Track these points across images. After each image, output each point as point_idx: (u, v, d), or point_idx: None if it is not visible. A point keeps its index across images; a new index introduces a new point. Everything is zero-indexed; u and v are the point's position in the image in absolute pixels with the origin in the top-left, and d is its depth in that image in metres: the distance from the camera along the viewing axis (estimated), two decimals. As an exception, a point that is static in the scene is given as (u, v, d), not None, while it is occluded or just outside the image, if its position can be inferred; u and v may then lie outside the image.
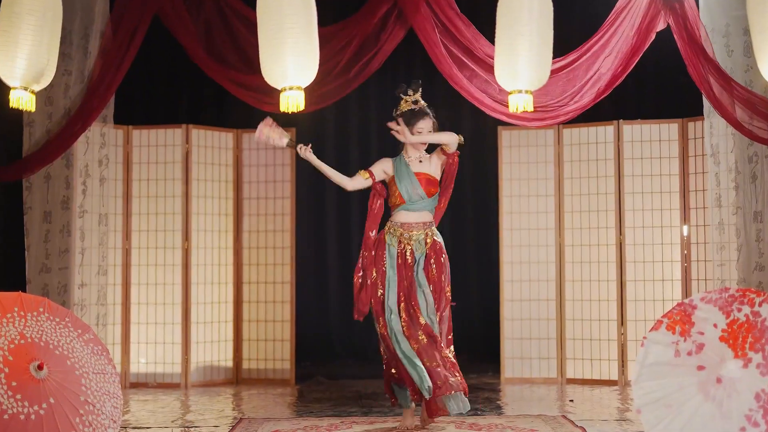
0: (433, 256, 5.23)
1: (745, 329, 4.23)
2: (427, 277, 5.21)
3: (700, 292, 6.42)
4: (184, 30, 6.34)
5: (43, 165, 6.45)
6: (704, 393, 4.15)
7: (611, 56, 6.09)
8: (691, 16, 6.02)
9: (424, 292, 5.17)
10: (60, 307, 4.44)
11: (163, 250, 7.18)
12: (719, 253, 6.41)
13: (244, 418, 5.72)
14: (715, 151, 6.43)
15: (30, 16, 5.17)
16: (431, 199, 5.31)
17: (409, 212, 5.28)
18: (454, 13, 6.15)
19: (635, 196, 7.11)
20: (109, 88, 6.43)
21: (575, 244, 7.24)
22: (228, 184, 7.39)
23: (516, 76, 5.33)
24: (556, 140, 7.33)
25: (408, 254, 5.22)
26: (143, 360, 7.11)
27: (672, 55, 6.22)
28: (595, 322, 7.13)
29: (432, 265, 5.22)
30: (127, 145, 7.19)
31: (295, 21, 5.06)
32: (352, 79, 6.24)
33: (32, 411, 3.97)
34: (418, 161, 5.30)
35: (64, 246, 6.57)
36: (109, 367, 4.43)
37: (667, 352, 4.27)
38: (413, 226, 5.26)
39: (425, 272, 5.21)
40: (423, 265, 5.22)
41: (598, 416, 5.73)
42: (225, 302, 7.33)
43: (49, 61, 5.31)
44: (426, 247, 5.23)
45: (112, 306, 7.00)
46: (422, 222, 5.29)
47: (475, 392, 6.76)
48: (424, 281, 5.19)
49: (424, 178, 5.27)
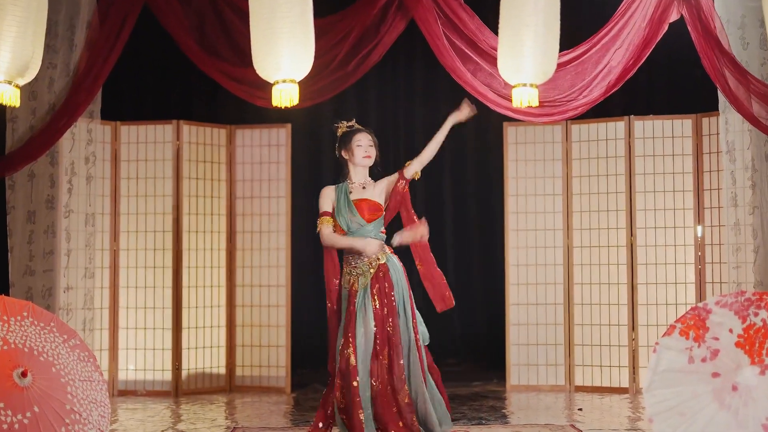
0: (376, 284, 5.04)
1: (762, 334, 4.23)
2: (374, 312, 5.00)
3: (715, 295, 6.45)
4: (174, 20, 6.34)
5: (27, 162, 6.44)
6: (719, 401, 4.15)
7: (622, 48, 6.08)
8: (706, 6, 6.02)
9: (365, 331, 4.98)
10: (45, 312, 4.44)
11: (153, 252, 7.19)
12: (735, 255, 6.41)
13: (237, 428, 5.72)
14: (730, 148, 6.43)
15: (14, 7, 5.15)
16: (373, 224, 5.13)
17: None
18: (458, 3, 6.15)
19: (647, 196, 7.11)
20: (96, 81, 6.42)
21: (584, 246, 7.24)
22: (221, 183, 7.40)
23: (520, 68, 5.32)
24: (564, 137, 7.33)
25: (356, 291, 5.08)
26: (132, 366, 7.11)
27: (685, 48, 6.22)
28: (604, 327, 7.13)
29: (375, 296, 5.03)
30: (115, 142, 7.19)
31: (289, 9, 5.04)
32: (350, 73, 6.23)
33: (15, 420, 3.96)
34: (362, 188, 5.18)
35: (49, 247, 6.56)
36: (96, 374, 4.43)
37: (680, 359, 4.27)
38: (354, 259, 5.11)
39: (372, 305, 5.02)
40: (367, 297, 5.03)
41: (608, 426, 5.73)
42: (218, 306, 7.33)
43: (34, 53, 5.29)
44: (370, 276, 5.07)
45: (99, 310, 7.01)
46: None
47: (480, 400, 6.77)
48: (362, 318, 4.99)
49: (365, 205, 5.15)
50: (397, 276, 5.08)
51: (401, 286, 5.08)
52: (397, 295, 5.05)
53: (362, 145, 5.19)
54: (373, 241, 5.08)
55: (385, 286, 5.04)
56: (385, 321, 5.00)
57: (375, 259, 5.07)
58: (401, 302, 5.06)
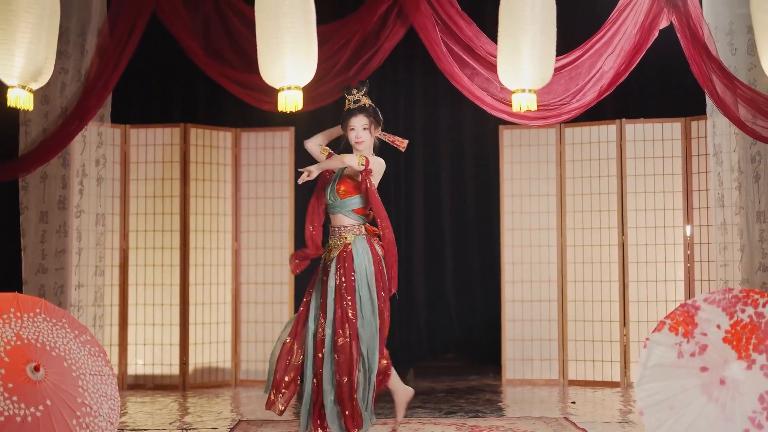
0: (341, 262, 5.02)
1: (748, 330, 4.23)
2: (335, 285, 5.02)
3: (703, 292, 6.44)
4: (181, 27, 6.33)
5: (40, 164, 6.44)
6: (707, 395, 4.15)
7: (614, 54, 6.08)
8: (694, 14, 6.01)
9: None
10: (57, 308, 4.44)
11: (161, 251, 7.18)
12: (722, 254, 6.41)
13: (242, 420, 5.72)
14: (717, 150, 6.43)
15: (27, 14, 5.15)
16: (344, 201, 5.11)
17: (332, 215, 5.17)
18: (455, 10, 6.14)
19: (638, 196, 7.11)
20: (106, 86, 6.42)
21: (577, 245, 7.24)
22: (226, 184, 7.40)
23: (519, 75, 5.33)
24: (557, 139, 7.33)
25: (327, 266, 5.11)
26: (141, 361, 7.11)
27: (675, 54, 6.22)
28: (597, 323, 7.13)
29: (338, 271, 5.02)
30: (125, 145, 7.19)
31: (293, 20, 5.04)
32: (351, 78, 6.22)
33: (29, 413, 3.96)
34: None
35: (61, 246, 6.57)
36: (106, 368, 4.43)
37: (670, 354, 4.28)
38: (333, 231, 5.14)
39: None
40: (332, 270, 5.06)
41: (601, 418, 5.73)
42: (224, 303, 7.33)
43: (46, 59, 5.29)
44: (337, 251, 5.07)
45: (109, 307, 7.01)
46: (337, 226, 5.13)
47: (477, 394, 6.77)
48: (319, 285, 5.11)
49: (345, 180, 5.16)
50: (360, 259, 4.99)
51: (363, 269, 4.98)
52: (357, 277, 4.97)
53: (355, 129, 5.18)
54: (347, 156, 5.07)
55: (345, 267, 4.99)
56: (343, 298, 4.95)
57: (344, 239, 5.06)
58: (361, 285, 4.96)
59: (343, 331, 4.90)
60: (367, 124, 5.20)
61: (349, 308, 4.93)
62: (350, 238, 5.07)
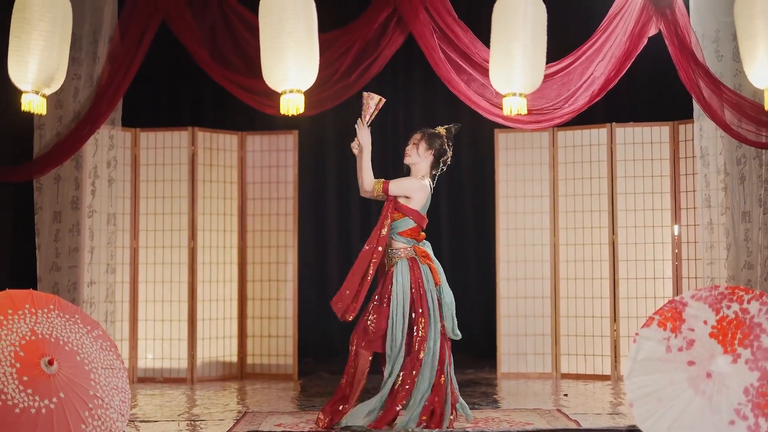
0: (389, 278, 5.06)
1: (734, 326, 4.23)
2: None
3: (691, 290, 6.45)
4: (189, 34, 6.34)
5: (54, 166, 6.45)
6: (694, 388, 4.16)
7: (605, 60, 6.09)
8: (682, 22, 6.02)
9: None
10: (70, 305, 4.44)
11: (170, 249, 7.19)
12: (709, 252, 6.42)
13: (248, 412, 5.73)
14: (704, 153, 6.44)
15: (41, 22, 5.16)
16: (394, 223, 5.08)
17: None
18: (452, 19, 6.15)
19: (627, 197, 7.11)
20: (118, 92, 6.43)
21: (569, 243, 7.24)
22: (233, 185, 7.40)
23: (510, 79, 5.34)
24: (550, 142, 7.33)
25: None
26: (150, 356, 7.11)
27: (664, 60, 6.23)
28: (588, 319, 7.13)
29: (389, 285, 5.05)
30: (135, 147, 7.19)
31: (296, 25, 5.05)
32: (352, 84, 6.23)
33: (43, 405, 3.97)
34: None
35: (74, 245, 6.57)
36: (118, 362, 4.44)
37: (658, 348, 4.28)
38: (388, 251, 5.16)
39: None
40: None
41: (592, 410, 5.73)
42: (230, 300, 7.33)
43: (59, 65, 5.30)
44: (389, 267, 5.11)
45: (120, 303, 7.01)
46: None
47: (473, 387, 6.77)
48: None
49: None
50: (401, 279, 5.00)
51: (402, 290, 4.98)
52: (394, 296, 4.99)
53: (410, 141, 5.22)
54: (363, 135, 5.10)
55: (388, 285, 5.03)
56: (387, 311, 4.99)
57: (390, 258, 5.07)
58: (398, 305, 4.97)
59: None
60: (417, 140, 5.19)
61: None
62: (395, 260, 5.07)
